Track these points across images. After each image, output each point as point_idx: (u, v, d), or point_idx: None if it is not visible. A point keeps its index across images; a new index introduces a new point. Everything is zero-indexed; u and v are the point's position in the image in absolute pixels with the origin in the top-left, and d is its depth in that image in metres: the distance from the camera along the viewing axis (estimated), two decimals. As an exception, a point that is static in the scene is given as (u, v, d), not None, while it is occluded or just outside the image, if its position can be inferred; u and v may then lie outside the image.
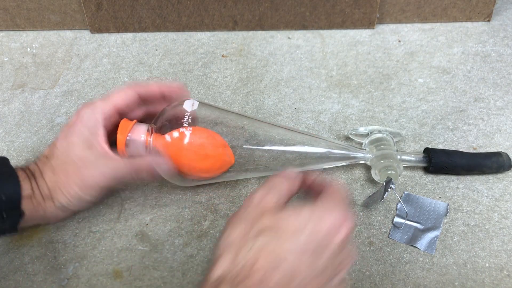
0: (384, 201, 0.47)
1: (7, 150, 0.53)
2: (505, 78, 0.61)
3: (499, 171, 0.48)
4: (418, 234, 0.44)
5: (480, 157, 0.48)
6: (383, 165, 0.46)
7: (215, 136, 0.44)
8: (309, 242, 0.30)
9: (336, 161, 0.48)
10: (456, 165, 0.48)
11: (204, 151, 0.43)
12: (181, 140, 0.42)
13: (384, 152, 0.47)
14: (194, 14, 0.68)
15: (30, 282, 0.41)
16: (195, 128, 0.43)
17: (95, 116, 0.42)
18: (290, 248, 0.30)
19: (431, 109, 0.57)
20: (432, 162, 0.47)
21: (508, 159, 0.48)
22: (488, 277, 0.41)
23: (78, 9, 0.69)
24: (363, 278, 0.41)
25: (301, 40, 0.68)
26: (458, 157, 0.48)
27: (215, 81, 0.62)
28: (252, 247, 0.30)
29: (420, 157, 0.48)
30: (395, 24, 0.70)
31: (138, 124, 0.44)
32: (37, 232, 0.45)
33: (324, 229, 0.31)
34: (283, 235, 0.30)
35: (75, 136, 0.42)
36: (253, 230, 0.31)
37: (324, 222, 0.31)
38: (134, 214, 0.46)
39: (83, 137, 0.41)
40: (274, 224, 0.31)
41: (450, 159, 0.48)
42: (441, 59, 0.64)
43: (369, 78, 0.62)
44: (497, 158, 0.48)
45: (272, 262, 0.29)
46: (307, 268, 0.30)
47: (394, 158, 0.46)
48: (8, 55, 0.67)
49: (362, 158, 0.48)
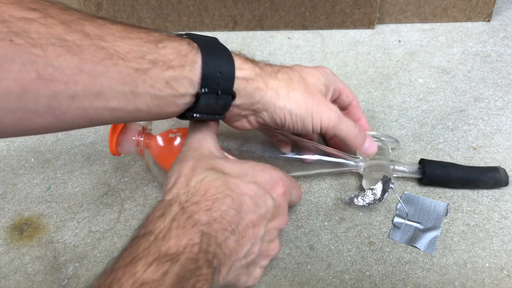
0: (384, 201, 0.47)
1: (7, 150, 0.53)
2: (505, 78, 0.61)
3: (495, 187, 0.47)
4: (418, 234, 0.44)
5: (477, 171, 0.47)
6: (374, 177, 0.45)
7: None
8: (251, 188, 0.33)
9: (328, 168, 0.47)
10: (450, 178, 0.47)
11: None
12: (173, 141, 0.42)
13: (377, 162, 0.46)
14: (194, 14, 0.68)
15: (30, 282, 0.41)
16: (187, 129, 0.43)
17: (334, 77, 0.45)
18: (237, 185, 0.33)
19: (431, 109, 0.57)
20: (426, 174, 0.46)
21: (505, 175, 0.46)
22: (488, 277, 0.41)
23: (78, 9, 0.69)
24: (363, 278, 0.41)
25: (301, 40, 0.68)
26: (454, 170, 0.47)
27: (215, 81, 0.62)
28: (204, 179, 0.32)
29: (414, 169, 0.47)
30: (395, 24, 0.70)
31: (131, 124, 0.44)
32: (37, 232, 0.45)
33: (263, 180, 0.35)
34: (229, 175, 0.33)
35: (317, 72, 0.42)
36: (202, 165, 0.34)
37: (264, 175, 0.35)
38: (134, 214, 0.46)
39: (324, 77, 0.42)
40: (220, 165, 0.34)
41: (445, 172, 0.46)
42: (441, 59, 0.64)
43: (369, 78, 0.62)
44: (494, 173, 0.46)
45: (221, 193, 0.32)
46: (249, 208, 0.33)
47: (386, 170, 0.46)
48: (8, 55, 0.67)
49: (354, 167, 0.47)
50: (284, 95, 0.38)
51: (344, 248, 0.43)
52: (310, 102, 0.39)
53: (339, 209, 0.46)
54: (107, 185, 0.49)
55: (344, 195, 0.48)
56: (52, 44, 0.26)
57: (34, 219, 0.46)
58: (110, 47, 0.29)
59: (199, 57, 0.33)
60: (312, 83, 0.41)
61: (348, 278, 0.41)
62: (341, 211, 0.46)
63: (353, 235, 0.44)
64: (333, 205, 0.47)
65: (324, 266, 0.42)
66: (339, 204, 0.47)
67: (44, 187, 0.49)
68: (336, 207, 0.47)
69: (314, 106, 0.39)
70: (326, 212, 0.46)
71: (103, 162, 0.52)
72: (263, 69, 0.38)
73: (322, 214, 0.46)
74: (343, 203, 0.47)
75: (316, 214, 0.46)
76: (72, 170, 0.51)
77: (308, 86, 0.40)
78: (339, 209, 0.46)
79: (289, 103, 0.38)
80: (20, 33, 0.25)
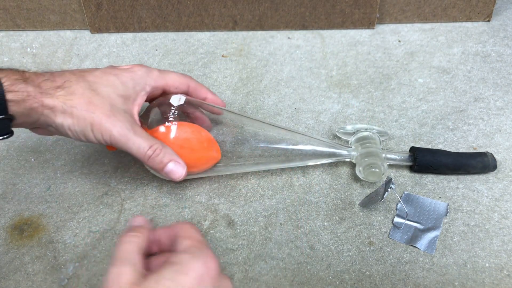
0: (384, 201, 0.47)
1: (7, 150, 0.53)
2: (505, 78, 0.61)
3: (484, 171, 0.48)
4: (418, 234, 0.44)
5: (466, 157, 0.48)
6: (367, 163, 0.46)
7: (201, 131, 0.44)
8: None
9: (321, 158, 0.48)
10: (441, 164, 0.48)
11: (189, 145, 0.43)
12: (167, 135, 0.42)
13: (369, 150, 0.47)
14: (194, 14, 0.68)
15: (30, 282, 0.41)
16: (181, 123, 0.43)
17: (148, 79, 0.42)
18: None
19: (431, 109, 0.57)
20: (417, 161, 0.47)
21: (493, 159, 0.48)
22: (488, 277, 0.41)
23: (78, 9, 0.69)
24: (363, 278, 0.41)
25: (301, 40, 0.68)
26: (443, 156, 0.48)
27: (215, 81, 0.62)
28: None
29: (405, 156, 0.48)
30: (395, 24, 0.70)
31: None
32: (37, 232, 0.45)
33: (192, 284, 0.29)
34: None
35: (118, 80, 0.41)
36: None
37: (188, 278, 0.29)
38: (134, 214, 0.46)
39: (126, 86, 0.41)
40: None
41: (435, 158, 0.48)
42: (441, 59, 0.64)
43: (369, 78, 0.62)
44: (482, 158, 0.48)
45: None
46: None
47: (379, 156, 0.47)
48: (8, 55, 0.67)
49: (347, 156, 0.48)
50: (62, 112, 0.38)
51: (344, 248, 0.43)
52: (90, 117, 0.39)
53: (339, 209, 0.46)
54: (107, 185, 0.49)
55: (344, 195, 0.48)
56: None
57: (34, 219, 0.46)
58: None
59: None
60: (103, 95, 0.40)
61: (348, 278, 0.41)
62: (341, 211, 0.46)
63: (353, 235, 0.44)
64: (333, 205, 0.47)
65: (324, 266, 0.42)
66: (339, 204, 0.47)
67: (44, 187, 0.49)
68: (336, 207, 0.47)
69: (96, 121, 0.39)
70: (326, 212, 0.46)
71: (103, 162, 0.52)
72: (40, 87, 0.38)
73: (322, 214, 0.46)
74: (343, 203, 0.47)
75: (316, 214, 0.46)
76: (72, 170, 0.51)
77: (94, 99, 0.39)
78: (339, 209, 0.46)
79: (66, 121, 0.38)
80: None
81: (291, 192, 0.48)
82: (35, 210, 0.47)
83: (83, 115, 0.39)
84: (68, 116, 0.38)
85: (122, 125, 0.39)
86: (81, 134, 0.39)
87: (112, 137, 0.39)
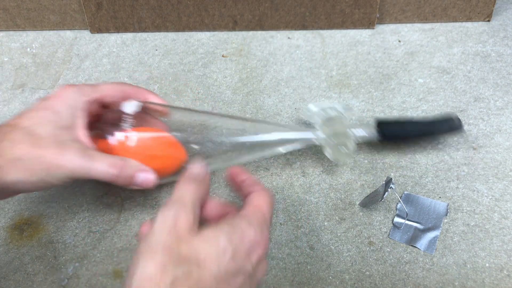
0: (384, 201, 0.47)
1: (7, 150, 0.53)
2: (505, 78, 0.61)
3: (451, 133, 0.51)
4: (418, 234, 0.44)
5: (431, 121, 0.50)
6: (336, 143, 0.47)
7: (159, 133, 0.43)
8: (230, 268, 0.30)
9: (289, 144, 0.48)
10: (408, 133, 0.49)
11: (150, 152, 0.42)
12: (125, 144, 0.41)
13: (336, 130, 0.48)
14: (194, 14, 0.68)
15: (30, 282, 0.41)
16: (139, 129, 0.42)
17: (80, 97, 0.39)
18: (212, 277, 0.29)
19: (431, 109, 0.57)
20: (385, 134, 0.48)
21: (458, 120, 0.49)
22: (488, 277, 0.41)
23: (78, 9, 0.69)
24: (363, 278, 0.41)
25: (301, 40, 0.68)
26: (410, 125, 0.49)
27: (215, 81, 0.62)
28: (175, 281, 0.27)
29: (373, 131, 0.49)
30: (395, 24, 0.70)
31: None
32: (37, 232, 0.45)
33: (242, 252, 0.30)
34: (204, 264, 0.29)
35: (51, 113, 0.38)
36: (174, 259, 0.28)
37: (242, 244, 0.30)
38: (134, 214, 0.47)
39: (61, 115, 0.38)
40: (195, 252, 0.29)
41: (402, 128, 0.49)
42: (441, 59, 0.64)
43: (369, 78, 0.62)
44: (447, 120, 0.49)
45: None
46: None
47: (347, 136, 0.47)
48: (8, 55, 0.67)
49: (315, 139, 0.48)
50: (9, 168, 0.35)
51: (344, 248, 0.43)
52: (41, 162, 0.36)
53: (339, 209, 0.46)
54: (107, 185, 0.49)
55: (344, 195, 0.48)
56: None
57: (34, 219, 0.46)
58: None
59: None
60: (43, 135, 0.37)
61: (348, 278, 0.41)
62: (341, 211, 0.46)
63: (353, 235, 0.44)
64: (333, 205, 0.47)
65: (324, 266, 0.42)
66: (339, 204, 0.47)
67: (44, 187, 0.49)
68: (336, 207, 0.47)
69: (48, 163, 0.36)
70: (326, 212, 0.46)
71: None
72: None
73: (322, 214, 0.46)
74: (343, 203, 0.47)
75: (316, 214, 0.46)
76: (72, 170, 0.51)
77: (37, 141, 0.36)
78: (339, 209, 0.46)
79: (17, 175, 0.35)
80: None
81: (291, 192, 0.48)
82: (35, 210, 0.47)
83: (32, 164, 0.36)
84: (19, 171, 0.35)
85: (75, 156, 0.37)
86: (42, 183, 0.36)
87: (72, 171, 0.37)
